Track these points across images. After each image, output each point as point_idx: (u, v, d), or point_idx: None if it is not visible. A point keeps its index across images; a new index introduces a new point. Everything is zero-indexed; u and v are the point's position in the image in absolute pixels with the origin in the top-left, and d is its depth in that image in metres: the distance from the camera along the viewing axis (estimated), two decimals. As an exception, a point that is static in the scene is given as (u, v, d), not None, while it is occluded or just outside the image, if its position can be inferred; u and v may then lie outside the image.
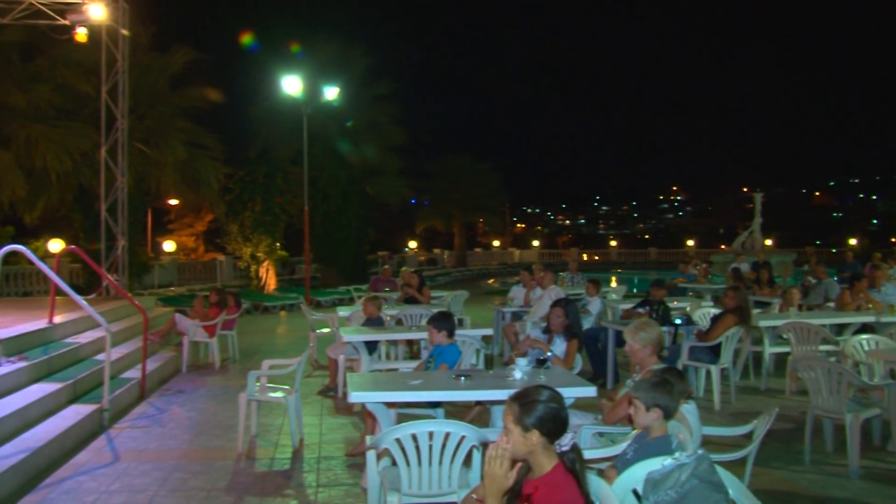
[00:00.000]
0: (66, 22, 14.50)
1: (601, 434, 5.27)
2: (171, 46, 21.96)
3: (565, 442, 3.06)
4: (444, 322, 6.53)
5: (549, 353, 6.42)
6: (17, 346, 8.29)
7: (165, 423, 7.88)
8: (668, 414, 3.91)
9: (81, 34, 14.42)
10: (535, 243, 65.85)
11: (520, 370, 5.54)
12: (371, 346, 8.79)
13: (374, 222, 32.73)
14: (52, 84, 18.77)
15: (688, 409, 4.41)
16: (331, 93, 22.68)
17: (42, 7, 14.68)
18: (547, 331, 7.72)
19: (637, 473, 3.53)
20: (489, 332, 9.95)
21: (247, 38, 27.23)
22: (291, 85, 20.69)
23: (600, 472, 3.88)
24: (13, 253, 8.48)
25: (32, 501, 5.48)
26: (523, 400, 3.11)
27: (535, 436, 3.01)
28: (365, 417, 6.44)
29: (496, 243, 58.86)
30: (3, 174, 17.96)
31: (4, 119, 18.52)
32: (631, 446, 4.02)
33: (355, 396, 5.18)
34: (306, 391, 8.82)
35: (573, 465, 3.02)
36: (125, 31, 15.47)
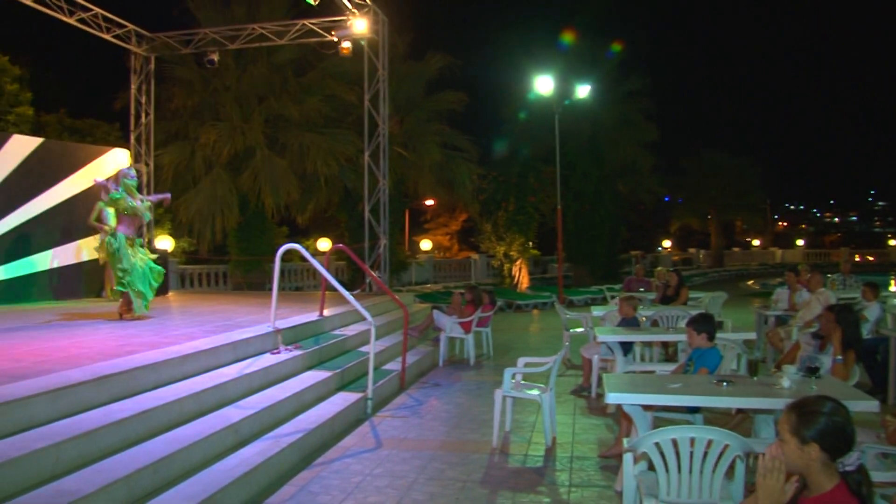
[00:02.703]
0: (333, 37, 15.61)
1: (885, 455, 4.76)
2: (426, 53, 22.92)
3: (850, 461, 2.76)
4: (704, 324, 6.21)
5: (822, 362, 5.89)
6: (293, 336, 8.99)
7: (423, 415, 8.17)
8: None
9: (346, 48, 15.46)
10: (800, 242, 61.54)
11: (788, 378, 5.13)
12: (626, 347, 8.58)
13: (626, 221, 32.17)
14: (321, 95, 20.32)
15: None
16: (582, 91, 22.49)
17: (312, 26, 15.93)
18: (818, 337, 7.13)
19: (936, 502, 3.13)
20: (751, 336, 9.37)
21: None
22: (543, 85, 20.74)
23: (886, 498, 3.49)
24: (287, 250, 9.20)
25: (307, 477, 5.90)
26: (802, 410, 2.84)
27: (814, 450, 2.74)
28: (620, 419, 6.29)
29: (756, 242, 55.77)
30: (279, 179, 19.67)
31: (281, 129, 20.31)
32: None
33: (612, 397, 5.06)
34: (559, 390, 8.78)
35: (859, 487, 2.71)
36: (367, 38, 16.30)
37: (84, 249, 13.30)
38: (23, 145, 12.89)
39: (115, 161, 14.14)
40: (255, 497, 5.40)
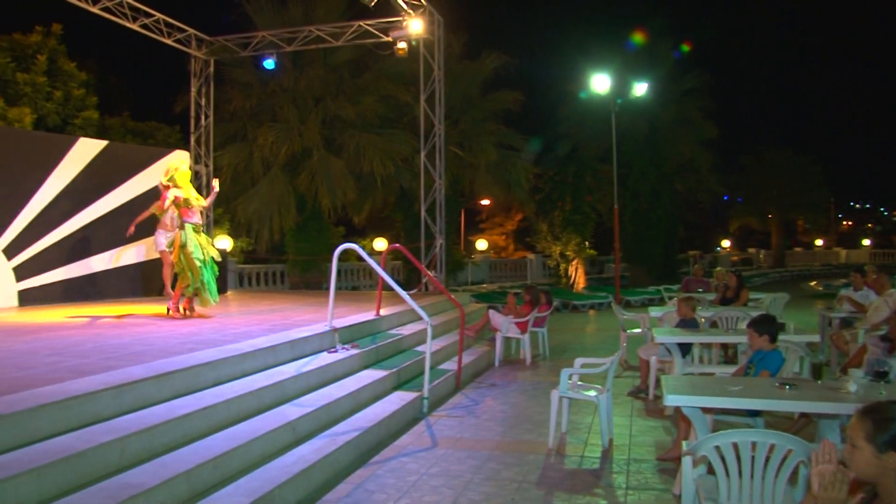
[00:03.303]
0: (389, 38, 15.69)
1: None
2: (482, 53, 22.88)
3: None
4: (766, 325, 6.07)
5: (891, 366, 5.71)
6: (350, 335, 9.06)
7: (479, 415, 8.16)
8: None
9: (402, 48, 15.51)
10: (866, 242, 59.83)
11: (855, 382, 4.99)
12: (684, 349, 8.45)
13: (684, 220, 31.73)
14: (377, 96, 20.46)
15: None
16: (639, 89, 22.18)
17: (368, 28, 16.04)
18: (887, 340, 6.93)
19: None
20: (815, 338, 9.15)
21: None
22: (600, 83, 20.53)
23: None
24: (344, 250, 9.28)
25: (364, 475, 5.93)
26: (877, 416, 2.71)
27: (892, 459, 2.63)
28: (678, 422, 6.20)
29: (818, 242, 54.41)
30: (336, 179, 19.86)
31: (338, 130, 20.51)
32: None
33: (671, 399, 4.98)
34: (616, 391, 8.65)
35: None
36: (424, 39, 16.31)
37: (145, 248, 13.60)
38: (89, 148, 13.26)
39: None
40: (312, 494, 5.45)
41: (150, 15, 15.18)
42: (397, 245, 12.96)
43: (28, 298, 12.07)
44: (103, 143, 13.80)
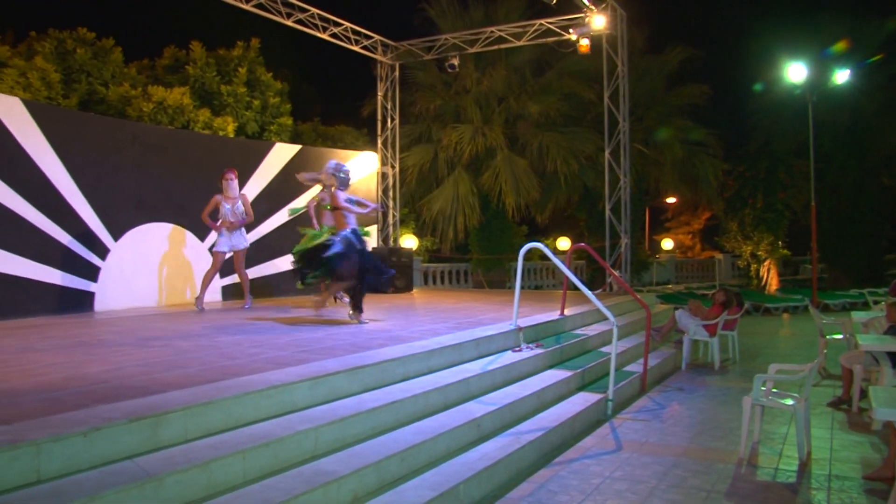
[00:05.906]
0: (571, 36, 15.53)
1: None
2: (666, 46, 22.27)
3: None
4: None
5: None
6: (534, 335, 9.06)
7: (665, 419, 7.92)
8: None
9: (584, 45, 15.30)
10: None
11: None
12: (894, 359, 7.82)
13: (893, 217, 29.43)
14: (559, 94, 20.42)
15: None
16: (840, 76, 20.67)
17: (550, 26, 15.97)
18: None
19: None
20: None
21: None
22: (796, 73, 19.35)
23: None
24: (528, 249, 9.28)
25: (546, 476, 5.90)
26: None
27: None
28: (889, 438, 5.74)
29: None
30: (519, 178, 19.98)
31: (521, 129, 20.63)
32: None
33: (882, 413, 4.60)
34: (814, 401, 8.15)
35: None
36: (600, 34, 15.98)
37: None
38: (284, 152, 14.12)
39: (364, 164, 15.03)
40: (494, 491, 5.48)
41: (338, 24, 15.87)
42: (583, 244, 12.80)
43: (229, 294, 12.94)
44: (297, 148, 14.61)
